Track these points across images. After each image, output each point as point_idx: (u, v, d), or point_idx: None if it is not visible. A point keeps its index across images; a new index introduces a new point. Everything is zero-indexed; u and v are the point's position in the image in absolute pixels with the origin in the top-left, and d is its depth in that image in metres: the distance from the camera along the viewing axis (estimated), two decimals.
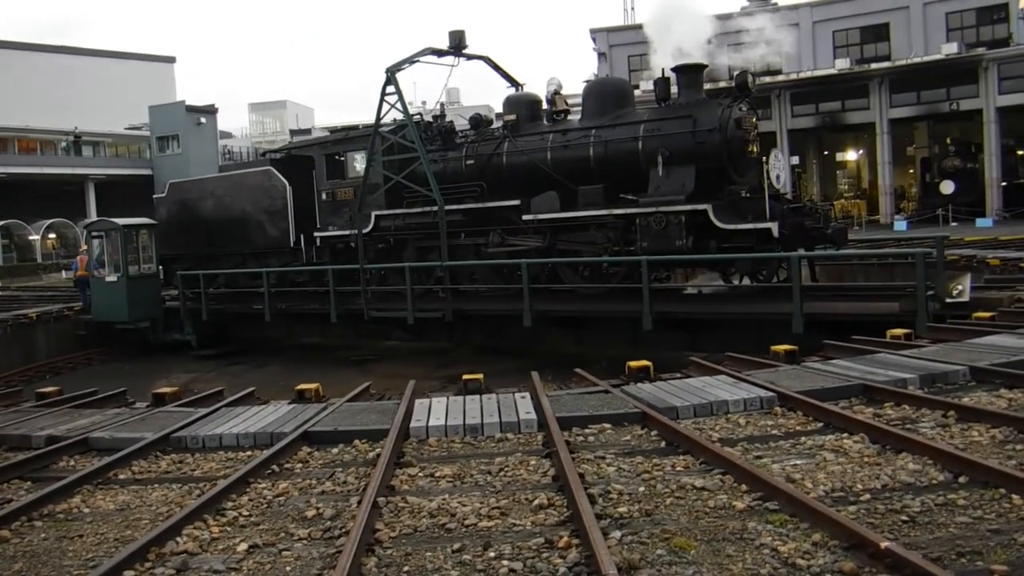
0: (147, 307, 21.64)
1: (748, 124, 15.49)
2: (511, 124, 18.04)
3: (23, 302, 26.13)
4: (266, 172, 21.32)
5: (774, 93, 40.20)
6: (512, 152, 17.77)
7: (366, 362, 18.76)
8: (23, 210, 50.37)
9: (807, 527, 5.10)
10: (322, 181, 20.63)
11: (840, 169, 48.13)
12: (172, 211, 23.26)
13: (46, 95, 64.07)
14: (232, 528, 5.83)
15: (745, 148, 15.47)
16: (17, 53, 68.95)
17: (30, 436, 8.79)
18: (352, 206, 19.56)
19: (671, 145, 15.55)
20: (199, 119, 56.09)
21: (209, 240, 22.32)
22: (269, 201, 20.97)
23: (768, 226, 14.06)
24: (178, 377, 17.82)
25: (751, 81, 15.80)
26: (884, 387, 8.34)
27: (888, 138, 38.69)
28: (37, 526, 6.15)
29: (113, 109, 64.29)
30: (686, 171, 15.34)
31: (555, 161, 17.03)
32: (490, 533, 5.44)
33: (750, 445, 7.09)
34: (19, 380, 17.94)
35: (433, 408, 8.80)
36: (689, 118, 15.51)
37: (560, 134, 17.30)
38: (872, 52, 41.50)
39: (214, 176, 24.37)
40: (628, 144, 16.24)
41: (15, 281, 38.48)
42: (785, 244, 14.27)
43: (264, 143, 56.45)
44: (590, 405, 8.53)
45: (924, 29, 40.20)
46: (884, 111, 38.35)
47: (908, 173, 44.25)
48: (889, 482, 5.87)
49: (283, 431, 8.23)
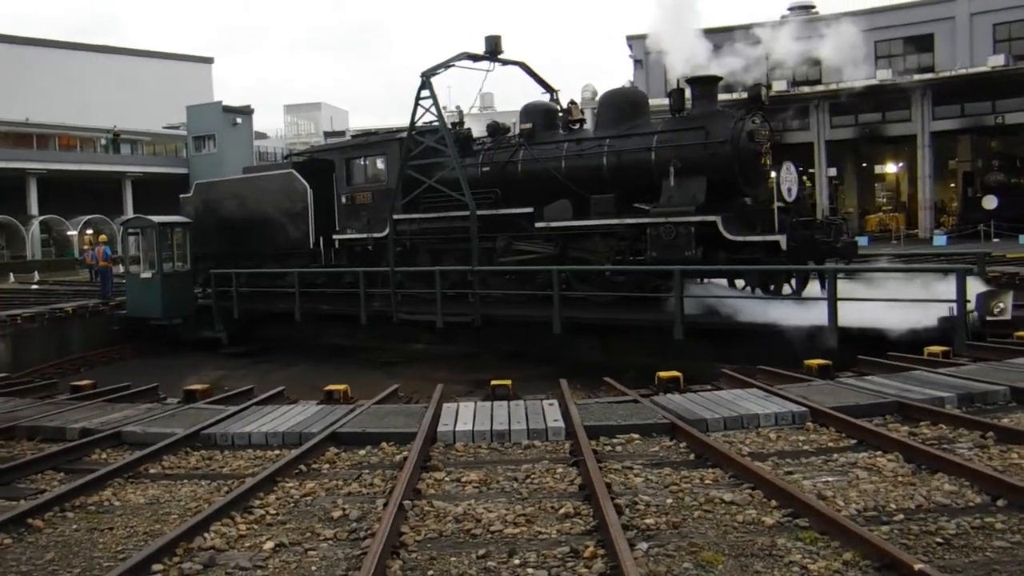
0: (180, 304, 21.88)
1: (760, 137, 15.45)
2: (527, 132, 18.25)
3: (59, 296, 26.52)
4: (288, 175, 21.61)
5: (812, 103, 39.84)
6: (527, 160, 17.95)
7: (393, 364, 18.80)
8: (61, 206, 51.17)
9: (838, 546, 5.02)
10: (342, 185, 20.92)
11: (879, 182, 47.56)
12: (197, 211, 23.57)
13: (87, 93, 65.27)
14: (259, 526, 5.86)
15: (757, 160, 15.43)
16: (58, 52, 70.28)
17: (64, 428, 8.90)
18: (370, 210, 19.89)
19: (683, 156, 15.58)
20: (235, 119, 56.79)
21: (232, 240, 22.60)
22: (290, 203, 21.28)
23: (776, 239, 14.10)
24: (208, 374, 17.95)
25: (765, 94, 15.82)
26: (920, 405, 8.20)
27: (929, 151, 38.19)
28: (69, 517, 6.21)
29: (151, 108, 65.29)
30: (698, 182, 15.37)
31: (569, 170, 17.20)
32: (515, 540, 5.41)
33: (781, 460, 7.00)
34: (54, 373, 18.20)
35: (461, 413, 8.79)
36: (702, 129, 15.57)
37: (575, 143, 17.49)
38: (915, 63, 40.92)
39: (238, 178, 24.67)
40: (641, 154, 16.33)
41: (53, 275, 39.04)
42: (793, 257, 14.29)
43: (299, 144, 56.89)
44: (618, 414, 8.47)
45: (970, 40, 39.43)
46: (926, 123, 37.87)
47: (949, 187, 43.63)
48: (924, 503, 5.76)
49: (311, 431, 8.27)
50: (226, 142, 55.36)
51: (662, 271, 15.17)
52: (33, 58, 67.18)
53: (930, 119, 37.85)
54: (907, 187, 44.00)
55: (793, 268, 14.83)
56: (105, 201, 53.26)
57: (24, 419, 9.33)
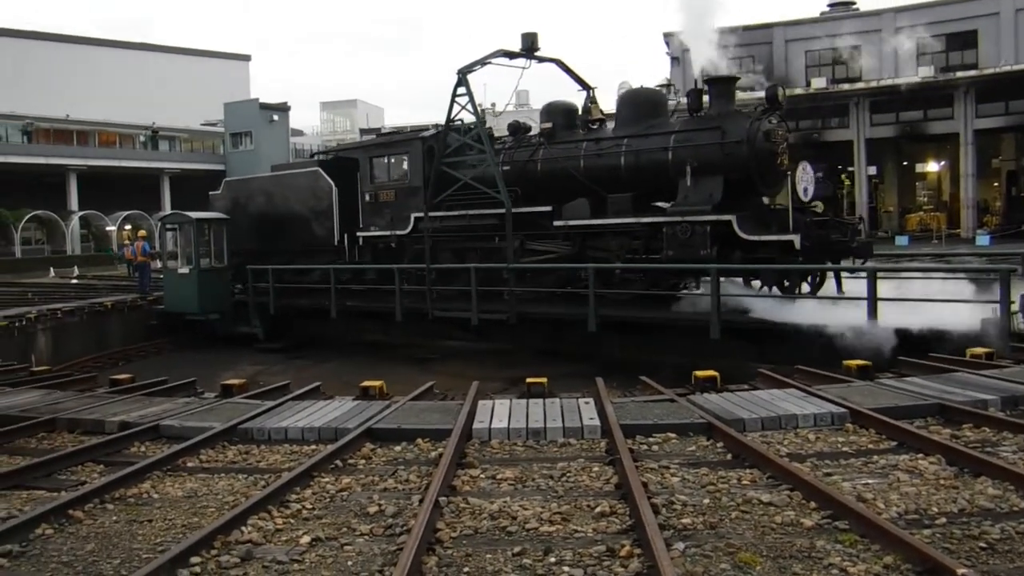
0: (217, 299, 22.09)
1: (777, 137, 15.50)
2: (547, 132, 18.44)
3: (98, 290, 26.90)
4: (314, 173, 21.94)
5: (852, 101, 39.31)
6: (547, 159, 18.10)
7: (428, 361, 18.85)
8: (100, 201, 51.90)
9: (878, 549, 4.95)
10: (366, 183, 21.20)
11: (920, 180, 46.80)
12: (226, 208, 23.84)
13: (126, 90, 66.29)
14: (295, 520, 5.89)
15: (774, 160, 15.48)
16: (99, 49, 71.49)
17: (104, 421, 9.03)
18: (393, 208, 20.28)
19: (700, 156, 15.68)
20: (272, 116, 57.31)
21: (260, 237, 22.86)
22: (316, 201, 21.62)
23: (790, 238, 14.20)
24: (244, 369, 18.11)
25: (781, 94, 15.95)
26: (963, 408, 8.06)
27: (972, 149, 37.50)
28: (109, 509, 6.30)
29: (189, 105, 66.09)
30: (714, 181, 15.49)
31: (588, 169, 17.33)
32: (551, 538, 5.39)
33: (819, 461, 6.91)
34: (93, 366, 18.45)
35: (496, 410, 8.79)
36: (718, 129, 15.65)
37: (593, 142, 17.63)
38: (958, 60, 40.20)
39: (266, 175, 24.98)
40: (658, 154, 16.41)
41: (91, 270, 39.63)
42: (808, 256, 14.38)
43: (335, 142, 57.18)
44: (655, 414, 8.42)
45: (1015, 36, 38.62)
46: (969, 121, 37.18)
47: (992, 186, 42.78)
48: (967, 506, 5.66)
49: (347, 427, 8.31)
50: (263, 139, 55.89)
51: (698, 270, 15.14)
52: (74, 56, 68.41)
53: (973, 117, 37.14)
54: (949, 186, 43.20)
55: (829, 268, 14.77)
56: (143, 197, 53.93)
57: (65, 412, 9.49)
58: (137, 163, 55.38)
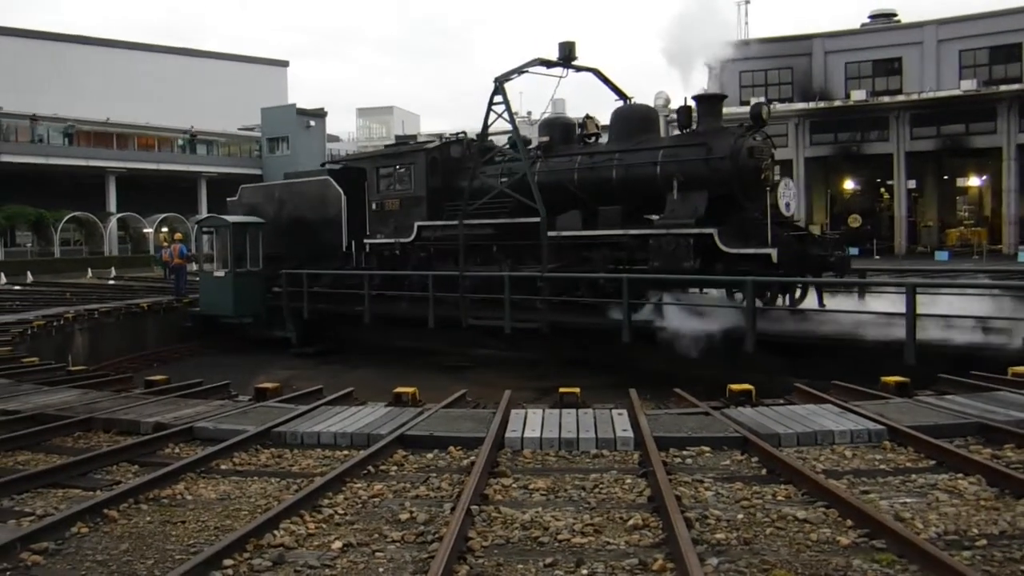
0: (252, 303, 22.33)
1: (760, 153, 16.06)
2: (545, 145, 19.17)
3: (135, 292, 27.28)
4: (324, 181, 22.68)
5: (892, 114, 38.86)
6: (543, 172, 18.66)
7: (460, 369, 18.88)
8: (138, 204, 52.53)
9: (916, 569, 4.85)
10: (372, 192, 21.89)
11: (960, 195, 46.10)
12: (242, 214, 24.25)
13: (165, 95, 67.25)
14: (327, 525, 5.90)
15: (757, 176, 16.01)
16: (139, 54, 72.60)
17: (139, 422, 9.11)
18: (398, 216, 21.04)
19: (686, 171, 16.34)
20: (308, 122, 57.90)
21: (273, 242, 23.19)
22: (326, 208, 22.37)
23: (768, 252, 14.77)
24: (277, 373, 18.24)
25: (766, 112, 16.61)
26: (1004, 427, 7.88)
27: (1015, 164, 36.89)
28: (143, 509, 6.34)
29: (227, 110, 66.95)
30: (699, 196, 16.15)
31: (581, 182, 18.11)
32: (583, 550, 5.35)
33: (856, 479, 6.80)
34: (128, 367, 18.68)
35: (529, 419, 8.75)
36: (704, 146, 16.29)
37: (587, 156, 18.37)
38: (1002, 73, 39.61)
39: (279, 183, 25.66)
40: (647, 168, 17.07)
41: (128, 271, 40.15)
42: (786, 270, 15.00)
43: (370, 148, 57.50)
44: (689, 426, 8.35)
45: None
46: (1012, 136, 36.62)
47: None
48: (1008, 528, 5.54)
49: (379, 433, 8.32)
50: (299, 144, 56.43)
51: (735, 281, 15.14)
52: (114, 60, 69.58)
53: (1016, 131, 36.56)
54: (991, 201, 42.53)
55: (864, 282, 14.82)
56: (180, 199, 54.57)
57: (101, 412, 9.58)
58: (175, 166, 56.04)
